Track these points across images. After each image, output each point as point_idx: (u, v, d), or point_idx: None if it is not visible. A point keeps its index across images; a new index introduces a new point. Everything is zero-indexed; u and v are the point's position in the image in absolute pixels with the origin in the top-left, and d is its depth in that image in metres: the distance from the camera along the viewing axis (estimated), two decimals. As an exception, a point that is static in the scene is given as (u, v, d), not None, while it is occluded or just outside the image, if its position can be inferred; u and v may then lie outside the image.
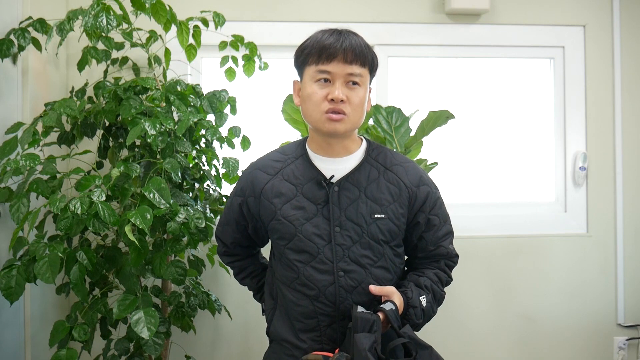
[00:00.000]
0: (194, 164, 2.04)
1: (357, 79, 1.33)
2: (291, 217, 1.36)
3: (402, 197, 1.39)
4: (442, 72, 2.69)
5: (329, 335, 1.35)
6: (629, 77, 2.67)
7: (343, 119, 1.32)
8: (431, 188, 1.44)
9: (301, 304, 1.36)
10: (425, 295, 1.38)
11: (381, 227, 1.36)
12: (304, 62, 1.36)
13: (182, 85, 1.98)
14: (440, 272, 1.45)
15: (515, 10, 2.64)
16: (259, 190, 1.41)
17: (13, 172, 1.71)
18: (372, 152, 1.43)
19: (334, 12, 2.55)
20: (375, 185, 1.38)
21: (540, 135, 2.73)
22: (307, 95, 1.35)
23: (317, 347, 1.36)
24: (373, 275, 1.36)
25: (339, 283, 1.34)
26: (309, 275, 1.35)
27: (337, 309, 1.34)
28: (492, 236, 2.63)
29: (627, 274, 2.66)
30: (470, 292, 2.60)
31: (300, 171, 1.40)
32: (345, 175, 1.38)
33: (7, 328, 1.90)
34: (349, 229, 1.35)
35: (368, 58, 1.34)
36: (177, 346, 2.34)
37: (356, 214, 1.36)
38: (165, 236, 1.90)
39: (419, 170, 1.45)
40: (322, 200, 1.36)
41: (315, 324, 1.36)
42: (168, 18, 1.89)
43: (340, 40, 1.31)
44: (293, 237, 1.36)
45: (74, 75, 2.33)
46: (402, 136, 2.13)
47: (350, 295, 1.34)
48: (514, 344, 2.63)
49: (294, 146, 1.47)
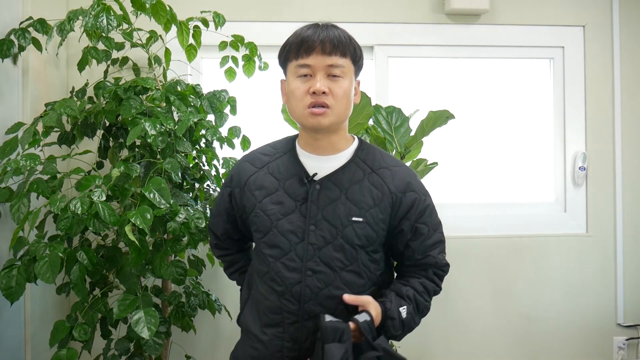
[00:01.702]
0: (194, 164, 2.04)
1: (339, 70, 1.29)
2: (269, 211, 1.35)
3: (385, 202, 1.34)
4: (442, 72, 2.69)
5: (291, 333, 1.33)
6: (628, 77, 2.68)
7: (326, 112, 1.29)
8: (419, 195, 1.38)
9: (269, 298, 1.35)
10: (406, 306, 1.33)
11: (357, 231, 1.32)
12: (286, 58, 1.34)
13: (182, 86, 1.98)
14: (427, 282, 1.40)
15: (515, 10, 2.64)
16: (243, 181, 1.41)
17: (13, 172, 1.71)
18: (361, 152, 1.39)
19: (334, 12, 2.56)
20: (358, 187, 1.34)
21: (539, 135, 2.73)
22: (290, 91, 1.33)
23: (278, 343, 1.34)
24: (342, 278, 1.32)
25: (306, 282, 1.31)
26: (278, 271, 1.33)
27: (301, 307, 1.32)
28: (492, 236, 2.63)
29: (626, 274, 2.66)
30: (470, 292, 2.60)
31: (285, 166, 1.38)
32: (328, 175, 1.35)
33: (7, 328, 1.90)
34: (324, 229, 1.32)
35: (349, 48, 1.31)
36: (177, 346, 2.34)
37: (333, 215, 1.32)
38: (166, 236, 1.90)
39: (409, 176, 1.39)
40: (302, 198, 1.34)
41: (279, 320, 1.34)
42: (168, 18, 1.89)
43: (318, 32, 1.29)
44: (268, 231, 1.35)
45: (74, 75, 2.33)
46: (402, 136, 2.13)
47: (316, 296, 1.31)
48: (513, 344, 2.63)
49: (285, 141, 1.46)
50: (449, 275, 2.74)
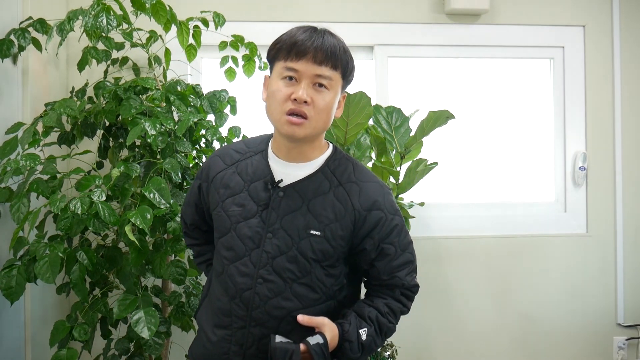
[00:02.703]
0: (194, 164, 2.04)
1: (325, 81, 1.23)
2: (230, 212, 1.32)
3: (347, 218, 1.28)
4: (442, 72, 2.69)
5: (238, 338, 1.30)
6: (628, 77, 2.67)
7: (303, 123, 1.23)
8: (385, 214, 1.30)
9: (221, 299, 1.33)
10: (366, 328, 1.29)
11: (313, 245, 1.27)
12: (275, 56, 1.29)
13: (182, 86, 1.98)
14: (394, 302, 1.34)
15: (515, 10, 2.64)
16: (212, 176, 1.38)
17: (13, 172, 1.71)
18: (332, 162, 1.33)
19: (334, 12, 2.56)
20: (321, 199, 1.29)
21: (540, 135, 2.73)
22: (271, 92, 1.28)
23: (225, 345, 1.32)
24: (293, 290, 1.28)
25: (256, 290, 1.28)
26: (231, 274, 1.30)
27: (249, 314, 1.28)
28: (492, 236, 2.63)
29: (626, 274, 2.66)
30: (470, 292, 2.60)
31: (254, 168, 1.35)
32: (293, 183, 1.30)
33: (7, 328, 1.90)
34: (280, 238, 1.28)
35: (341, 61, 1.25)
36: (177, 346, 2.34)
37: (291, 225, 1.28)
38: (165, 236, 1.90)
39: (378, 193, 1.32)
40: (264, 203, 1.30)
41: (228, 323, 1.31)
42: (168, 18, 1.89)
43: (313, 38, 1.23)
44: (227, 232, 1.32)
45: (74, 75, 2.33)
46: (402, 136, 2.14)
47: (265, 304, 1.28)
48: (513, 344, 2.63)
49: (259, 140, 1.41)
50: (449, 275, 2.73)
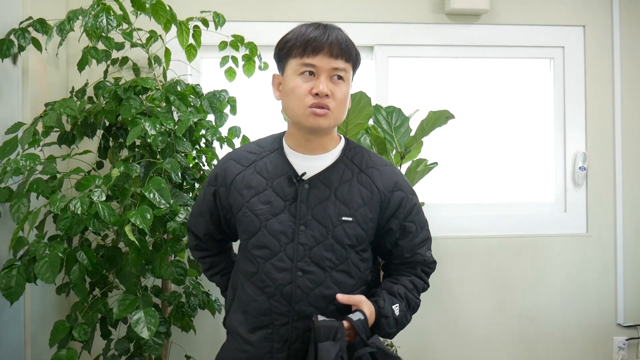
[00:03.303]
0: (194, 164, 2.04)
1: (342, 73, 1.30)
2: (257, 210, 1.34)
3: (374, 201, 1.35)
4: (442, 72, 2.69)
5: (281, 335, 1.32)
6: (628, 77, 2.67)
7: (327, 114, 1.29)
8: (406, 194, 1.39)
9: (258, 299, 1.34)
10: (398, 304, 1.34)
11: (347, 231, 1.32)
12: (287, 54, 1.32)
13: (182, 85, 1.98)
14: (416, 279, 1.41)
15: (515, 10, 2.64)
16: (230, 180, 1.39)
17: (13, 172, 1.71)
18: (349, 152, 1.40)
19: (334, 12, 2.56)
20: (347, 186, 1.34)
21: (540, 135, 2.73)
22: (289, 88, 1.31)
23: (267, 345, 1.33)
24: (333, 278, 1.32)
25: (297, 283, 1.30)
26: (268, 272, 1.32)
27: (292, 308, 1.31)
28: (492, 236, 2.63)
29: (627, 274, 2.66)
30: (470, 292, 2.60)
31: (273, 165, 1.37)
32: (317, 174, 1.35)
33: (7, 328, 1.90)
34: (314, 228, 1.32)
35: (353, 53, 1.33)
36: (177, 346, 2.34)
37: (323, 215, 1.32)
38: (165, 236, 1.90)
39: (396, 175, 1.40)
40: (291, 197, 1.33)
41: (269, 322, 1.33)
42: (168, 18, 1.89)
43: (327, 33, 1.29)
44: (257, 231, 1.33)
45: (74, 75, 2.33)
46: (402, 136, 2.14)
47: (307, 296, 1.30)
48: (513, 344, 2.63)
49: (271, 140, 1.44)
50: (449, 275, 2.73)
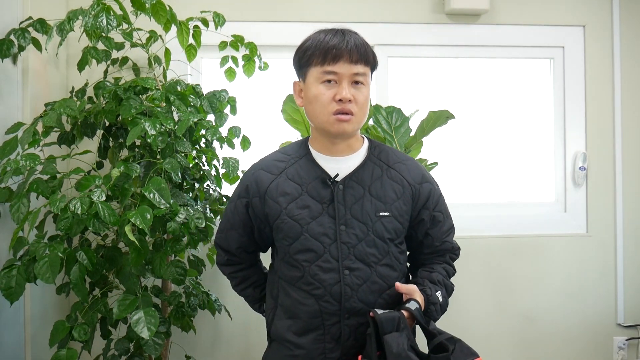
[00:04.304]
0: (194, 164, 2.04)
1: (362, 78, 1.34)
2: (297, 216, 1.37)
3: (406, 194, 1.41)
4: (442, 72, 2.69)
5: (332, 334, 1.36)
6: (628, 77, 2.67)
7: (351, 119, 1.34)
8: (433, 185, 1.47)
9: (306, 302, 1.37)
10: (440, 291, 1.41)
11: (386, 225, 1.37)
12: (307, 63, 1.36)
13: (182, 85, 1.98)
14: (448, 266, 1.49)
15: (515, 10, 2.64)
16: (263, 190, 1.41)
17: (13, 172, 1.71)
18: (374, 150, 1.45)
19: (334, 12, 2.56)
20: (379, 183, 1.39)
21: (540, 135, 2.73)
22: (313, 96, 1.35)
23: (319, 346, 1.36)
24: (378, 272, 1.37)
25: (345, 281, 1.34)
26: (315, 274, 1.35)
27: (342, 307, 1.35)
28: (492, 236, 2.63)
29: (626, 274, 2.66)
30: (470, 292, 2.60)
31: (305, 170, 1.40)
32: (349, 174, 1.39)
33: (7, 328, 1.90)
34: (355, 227, 1.36)
35: (370, 57, 1.37)
36: (177, 346, 2.34)
37: (361, 212, 1.36)
38: (165, 236, 1.90)
39: (421, 168, 1.48)
40: (328, 199, 1.37)
41: (319, 323, 1.36)
42: (168, 18, 1.89)
43: (345, 40, 1.33)
44: (299, 236, 1.36)
45: (74, 75, 2.33)
46: (402, 136, 2.13)
47: (356, 293, 1.34)
48: (513, 344, 2.63)
49: (296, 146, 1.47)
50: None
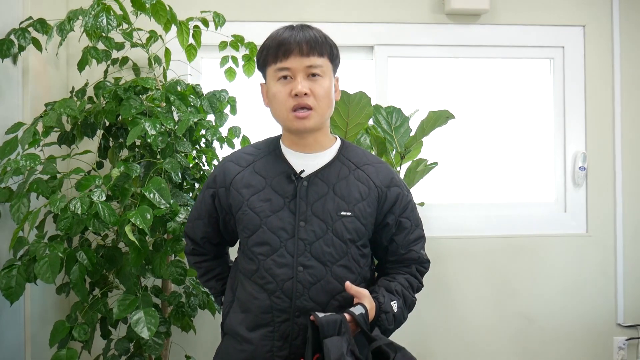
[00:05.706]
0: (194, 164, 2.04)
1: (318, 70, 1.32)
2: (257, 208, 1.36)
3: (371, 196, 1.38)
4: (442, 72, 2.69)
5: (282, 332, 1.33)
6: (628, 77, 2.67)
7: (310, 114, 1.33)
8: (402, 190, 1.43)
9: (259, 297, 1.34)
10: (396, 301, 1.36)
11: (347, 225, 1.35)
12: (265, 62, 1.37)
13: (182, 86, 1.98)
14: (411, 278, 1.44)
15: (515, 10, 2.64)
16: (229, 180, 1.41)
17: (13, 172, 1.71)
18: (345, 150, 1.43)
19: (334, 12, 2.56)
20: (344, 182, 1.37)
21: (539, 135, 2.73)
22: (272, 95, 1.36)
23: (267, 343, 1.33)
24: (333, 273, 1.34)
25: (297, 278, 1.32)
26: (269, 268, 1.33)
27: (293, 304, 1.32)
28: (492, 236, 2.63)
29: (626, 274, 2.66)
30: (470, 292, 2.59)
31: (272, 165, 1.40)
32: (315, 171, 1.38)
33: (7, 328, 1.90)
34: (314, 224, 1.34)
35: (325, 48, 1.34)
36: (177, 346, 2.34)
37: (323, 210, 1.34)
38: (165, 236, 1.90)
39: (391, 172, 1.44)
40: (290, 194, 1.36)
41: (269, 319, 1.34)
42: (168, 18, 1.89)
43: (294, 34, 1.32)
44: (257, 228, 1.35)
45: (74, 75, 2.33)
46: (402, 136, 2.14)
47: (308, 291, 1.32)
48: (513, 344, 2.63)
49: (267, 142, 1.48)
50: (449, 275, 2.72)
